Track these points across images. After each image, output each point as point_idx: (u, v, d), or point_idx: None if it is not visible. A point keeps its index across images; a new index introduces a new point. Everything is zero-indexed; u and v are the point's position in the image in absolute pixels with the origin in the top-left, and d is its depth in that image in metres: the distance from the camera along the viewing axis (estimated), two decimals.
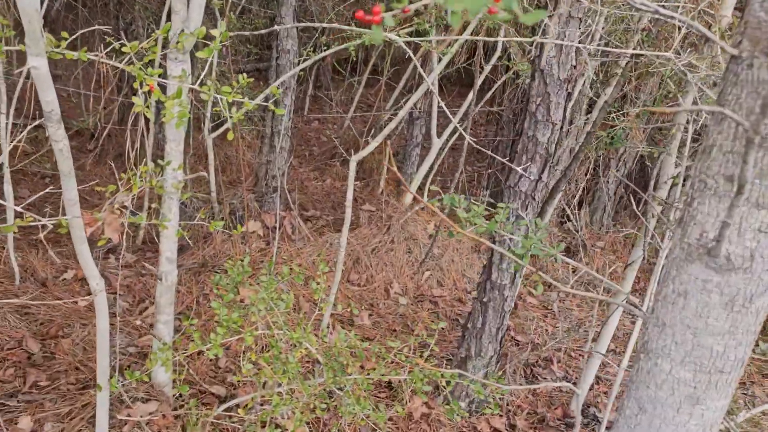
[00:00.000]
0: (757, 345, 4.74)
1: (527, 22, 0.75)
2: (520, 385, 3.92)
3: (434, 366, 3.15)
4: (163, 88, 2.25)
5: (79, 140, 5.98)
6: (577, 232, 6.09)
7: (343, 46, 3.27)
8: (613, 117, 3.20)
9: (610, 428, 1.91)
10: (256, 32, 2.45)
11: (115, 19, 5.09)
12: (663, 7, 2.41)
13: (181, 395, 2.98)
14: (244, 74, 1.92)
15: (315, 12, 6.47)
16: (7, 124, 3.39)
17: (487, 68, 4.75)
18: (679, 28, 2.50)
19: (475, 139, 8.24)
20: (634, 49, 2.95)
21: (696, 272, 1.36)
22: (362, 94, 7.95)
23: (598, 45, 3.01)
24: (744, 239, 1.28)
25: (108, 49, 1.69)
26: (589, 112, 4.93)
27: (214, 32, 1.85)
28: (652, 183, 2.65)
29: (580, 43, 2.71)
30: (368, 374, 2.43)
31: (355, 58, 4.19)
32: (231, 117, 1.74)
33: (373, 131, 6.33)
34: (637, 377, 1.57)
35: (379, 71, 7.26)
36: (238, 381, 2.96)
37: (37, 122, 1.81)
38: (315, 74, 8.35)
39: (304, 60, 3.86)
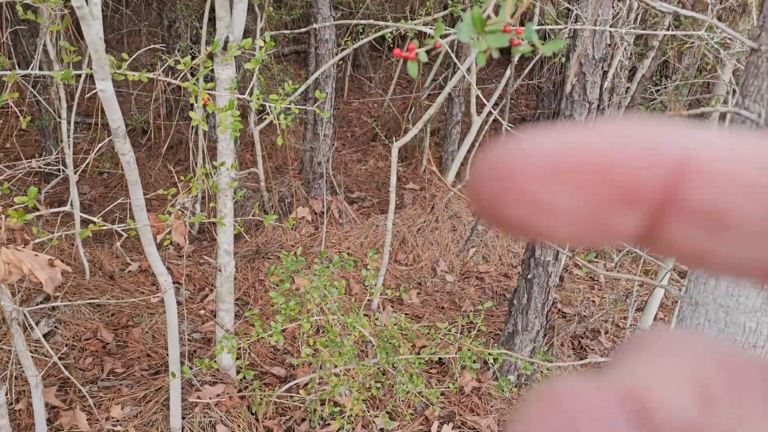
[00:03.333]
0: None
1: (546, 53, 0.84)
2: (568, 357, 4.01)
3: (482, 342, 3.26)
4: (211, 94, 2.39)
5: (132, 135, 6.25)
6: None
7: (378, 34, 3.36)
8: (651, 91, 3.21)
9: None
10: (296, 31, 2.57)
11: (158, 17, 5.27)
12: None
13: (244, 377, 3.18)
14: (289, 81, 2.04)
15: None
16: (69, 129, 3.61)
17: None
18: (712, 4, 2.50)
19: (516, 115, 8.21)
20: (669, 24, 2.95)
21: None
22: (402, 72, 8.00)
23: (632, 26, 3.01)
24: None
25: (164, 67, 1.83)
26: (630, 80, 4.89)
27: (259, 42, 1.98)
28: None
29: (614, 21, 2.74)
30: (419, 353, 2.57)
31: (391, 44, 4.27)
32: (279, 123, 1.87)
33: (413, 110, 6.40)
34: None
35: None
36: (300, 362, 3.15)
37: (107, 140, 1.97)
38: (353, 55, 8.43)
39: (342, 49, 3.96)
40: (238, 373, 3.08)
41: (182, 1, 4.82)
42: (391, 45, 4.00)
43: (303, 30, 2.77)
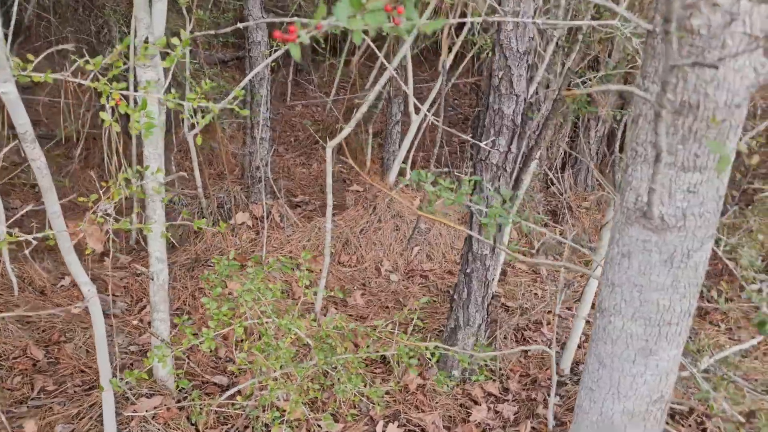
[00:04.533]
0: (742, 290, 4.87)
1: (427, 31, 0.84)
2: (504, 350, 4.05)
3: (421, 339, 3.27)
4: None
5: (66, 147, 6.04)
6: (562, 195, 6.19)
7: (310, 34, 3.32)
8: (577, 83, 3.28)
9: None
10: (222, 31, 2.52)
11: (86, 23, 5.12)
12: None
13: (183, 388, 3.10)
14: (207, 80, 2.00)
15: (285, 3, 6.49)
16: None
17: (458, 44, 4.81)
18: None
19: (459, 114, 8.28)
20: (592, 16, 3.02)
21: (636, 234, 1.46)
22: (345, 74, 7.98)
23: (548, 18, 3.07)
24: (675, 200, 1.38)
25: (73, 67, 1.76)
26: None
27: (175, 41, 1.93)
28: (616, 145, 2.73)
29: (541, 14, 2.78)
30: (358, 353, 2.55)
31: (324, 45, 4.25)
32: (197, 122, 1.83)
33: (354, 113, 6.39)
34: (595, 335, 1.68)
35: (355, 51, 7.29)
36: (237, 370, 3.08)
37: (10, 145, 1.89)
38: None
39: (275, 50, 3.92)
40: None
41: (110, 6, 4.69)
42: (324, 46, 3.96)
43: (228, 30, 2.72)
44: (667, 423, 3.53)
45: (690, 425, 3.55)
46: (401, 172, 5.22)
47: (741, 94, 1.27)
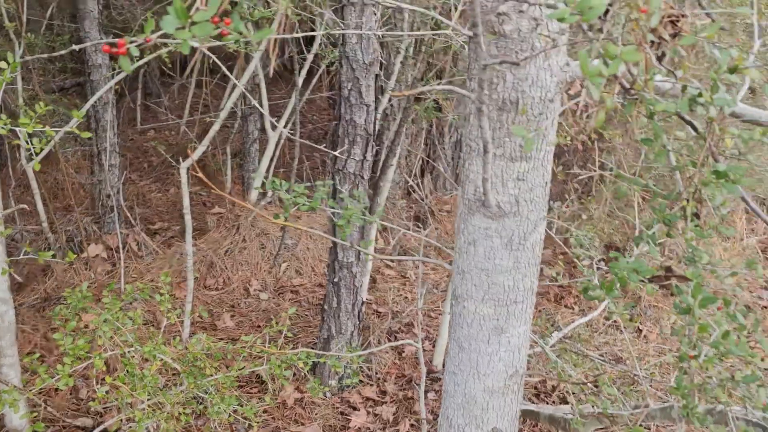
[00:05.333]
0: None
1: (254, 40, 0.87)
2: (386, 353, 4.15)
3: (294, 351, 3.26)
4: None
5: None
6: (423, 200, 6.45)
7: (153, 55, 3.24)
8: (424, 91, 3.47)
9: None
10: (55, 54, 2.39)
11: None
12: None
13: None
14: (41, 103, 1.90)
15: (128, 18, 6.23)
16: None
17: (309, 59, 4.88)
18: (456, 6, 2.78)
19: (319, 128, 8.37)
20: (431, 27, 3.21)
21: (478, 222, 1.58)
22: (198, 95, 7.78)
23: (389, 29, 3.23)
24: (508, 188, 1.52)
25: None
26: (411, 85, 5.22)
27: (1, 65, 1.81)
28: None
29: (387, 28, 2.90)
30: (229, 372, 2.51)
31: (170, 65, 4.14)
32: (34, 150, 1.73)
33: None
34: (453, 321, 1.79)
35: (210, 70, 7.16)
36: (101, 407, 2.91)
37: None
38: (143, 82, 8.03)
39: (118, 73, 3.77)
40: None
41: None
42: (170, 66, 3.87)
43: (63, 52, 2.58)
44: (533, 400, 3.79)
45: (554, 401, 3.84)
46: (263, 190, 5.19)
47: (553, 90, 1.43)
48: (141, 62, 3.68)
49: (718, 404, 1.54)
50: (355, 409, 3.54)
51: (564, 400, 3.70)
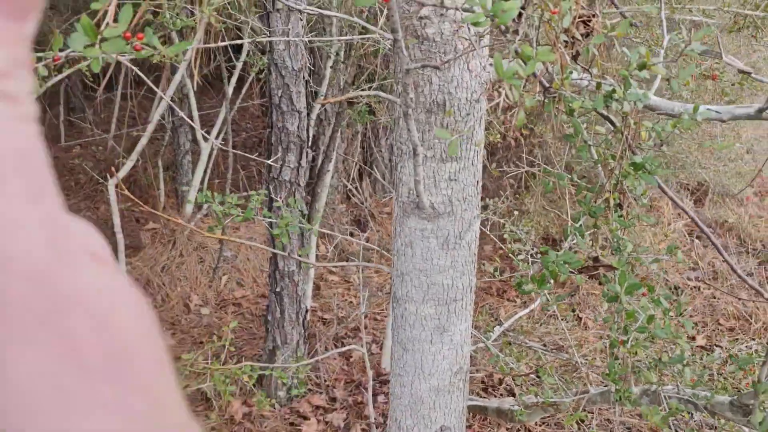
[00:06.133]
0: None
1: (169, 54, 0.85)
2: (334, 359, 4.13)
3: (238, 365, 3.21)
4: None
5: None
6: (362, 204, 6.46)
7: (72, 69, 3.13)
8: (356, 95, 3.48)
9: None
10: None
11: None
12: None
13: None
14: None
15: (45, 31, 5.99)
16: None
17: (238, 68, 4.82)
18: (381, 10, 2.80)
19: (253, 136, 8.25)
20: (359, 32, 3.22)
21: (413, 224, 1.59)
22: (125, 108, 7.55)
23: (315, 34, 3.23)
24: (440, 189, 1.54)
25: None
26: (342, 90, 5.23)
27: None
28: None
29: (306, 32, 2.89)
30: None
31: (92, 78, 4.00)
32: None
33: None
34: (395, 323, 1.79)
35: (135, 81, 6.96)
36: None
37: None
38: (65, 97, 7.74)
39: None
40: None
41: None
42: (93, 79, 3.74)
43: None
44: (481, 395, 3.85)
45: (501, 394, 3.90)
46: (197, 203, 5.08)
47: (478, 90, 1.46)
48: (59, 77, 3.55)
49: (653, 385, 1.60)
50: (305, 418, 3.51)
51: (511, 393, 3.77)
